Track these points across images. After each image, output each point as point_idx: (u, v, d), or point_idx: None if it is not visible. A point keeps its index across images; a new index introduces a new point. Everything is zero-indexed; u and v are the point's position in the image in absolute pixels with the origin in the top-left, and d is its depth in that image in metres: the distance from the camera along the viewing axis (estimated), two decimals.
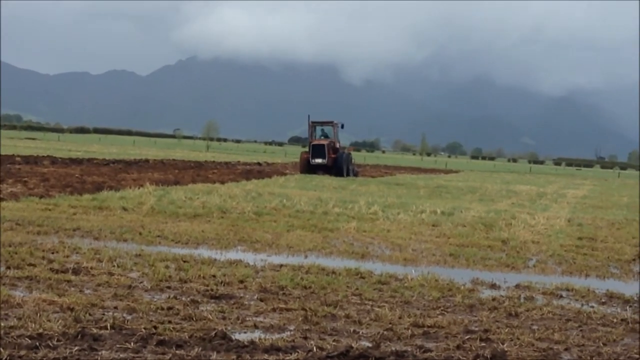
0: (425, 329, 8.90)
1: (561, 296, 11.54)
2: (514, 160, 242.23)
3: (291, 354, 7.48)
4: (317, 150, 48.70)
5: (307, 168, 48.81)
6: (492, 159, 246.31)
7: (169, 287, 10.42)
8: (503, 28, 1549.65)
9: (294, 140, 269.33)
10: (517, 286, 12.06)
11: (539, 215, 25.10)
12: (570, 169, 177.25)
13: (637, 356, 8.26)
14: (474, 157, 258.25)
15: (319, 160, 48.52)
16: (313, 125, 50.48)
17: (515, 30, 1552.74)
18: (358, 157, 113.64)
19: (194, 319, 8.69)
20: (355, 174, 51.57)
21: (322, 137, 50.50)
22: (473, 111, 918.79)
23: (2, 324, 7.88)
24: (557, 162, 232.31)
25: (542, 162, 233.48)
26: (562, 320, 9.87)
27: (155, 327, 8.16)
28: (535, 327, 9.38)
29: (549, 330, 9.15)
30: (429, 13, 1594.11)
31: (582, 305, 10.96)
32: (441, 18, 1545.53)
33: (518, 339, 8.63)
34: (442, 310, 10.06)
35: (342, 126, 51.30)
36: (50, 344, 7.28)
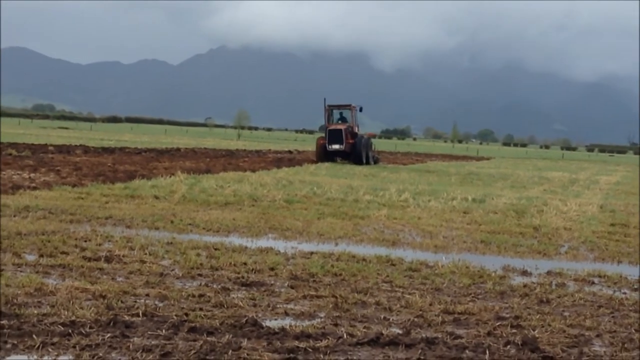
0: (456, 315, 8.88)
1: (593, 282, 11.48)
2: (546, 147, 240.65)
3: (321, 340, 7.48)
4: (334, 136, 45.55)
5: (324, 155, 45.91)
6: (524, 145, 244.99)
7: (200, 275, 10.46)
8: (534, 14, 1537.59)
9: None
10: (549, 273, 12.00)
11: (571, 201, 24.96)
12: (603, 155, 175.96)
13: None
14: (505, 144, 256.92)
15: (336, 146, 45.47)
16: (330, 108, 47.34)
17: (547, 16, 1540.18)
18: (389, 145, 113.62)
19: (225, 306, 8.71)
20: (376, 161, 48.91)
21: (340, 122, 47.40)
22: (504, 98, 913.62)
23: (36, 312, 7.96)
24: (590, 149, 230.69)
25: (574, 149, 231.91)
26: (593, 306, 9.81)
27: (186, 314, 8.19)
28: (566, 313, 9.33)
29: (581, 317, 9.10)
30: (459, 0, 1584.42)
31: (614, 291, 10.89)
32: (472, 5, 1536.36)
33: (549, 325, 8.58)
34: (472, 297, 10.03)
35: (361, 109, 48.36)
36: (83, 331, 7.34)
